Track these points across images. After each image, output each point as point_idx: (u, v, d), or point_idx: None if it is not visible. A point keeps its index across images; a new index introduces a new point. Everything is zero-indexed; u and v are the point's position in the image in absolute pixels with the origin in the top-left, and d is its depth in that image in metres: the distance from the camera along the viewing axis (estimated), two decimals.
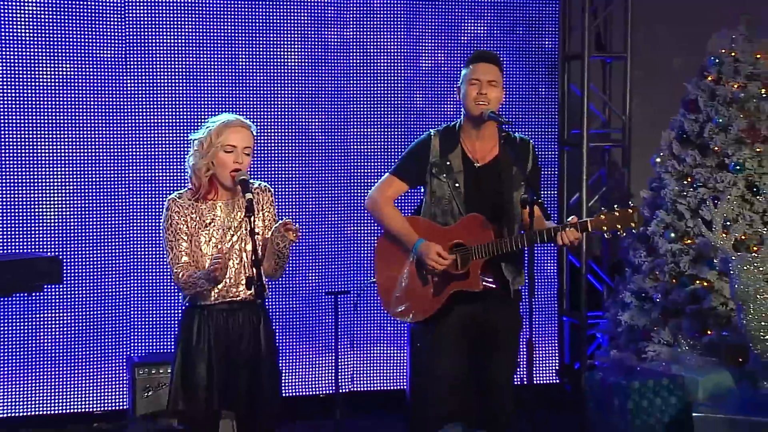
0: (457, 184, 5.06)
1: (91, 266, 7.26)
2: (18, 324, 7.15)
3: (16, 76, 7.11)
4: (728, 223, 6.54)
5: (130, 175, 7.31)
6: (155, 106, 7.32)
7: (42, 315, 7.16)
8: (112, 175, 7.30)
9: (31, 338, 7.19)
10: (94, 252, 7.26)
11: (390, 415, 7.07)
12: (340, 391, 6.89)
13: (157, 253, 7.07)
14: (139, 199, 7.28)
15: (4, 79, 7.08)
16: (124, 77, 7.28)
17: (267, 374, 4.69)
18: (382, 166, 7.25)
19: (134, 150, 7.31)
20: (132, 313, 7.29)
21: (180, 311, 4.74)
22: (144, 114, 7.31)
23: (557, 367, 8.02)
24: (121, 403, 7.11)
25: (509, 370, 5.15)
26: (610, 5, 8.06)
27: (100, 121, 7.27)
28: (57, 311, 7.17)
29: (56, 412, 7.20)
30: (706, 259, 6.72)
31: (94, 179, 7.27)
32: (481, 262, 4.97)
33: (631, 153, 8.02)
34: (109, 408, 7.21)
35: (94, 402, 7.26)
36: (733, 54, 6.94)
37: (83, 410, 7.22)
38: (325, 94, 7.60)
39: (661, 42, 8.70)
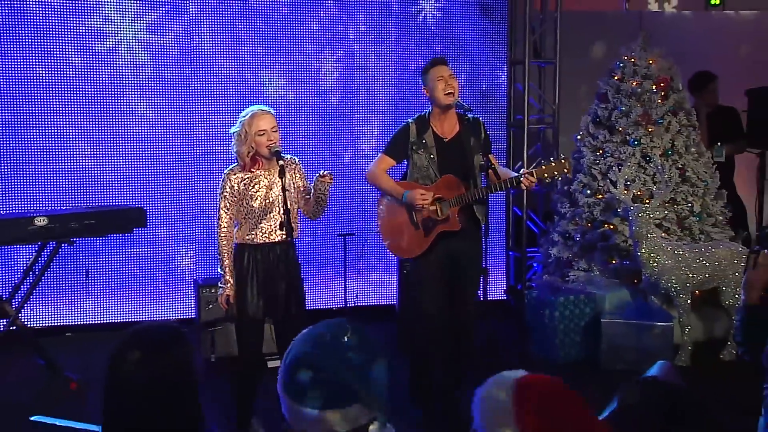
0: (432, 155, 5.10)
1: (168, 213, 7.28)
2: (114, 256, 7.20)
3: (113, 54, 7.08)
4: (628, 182, 6.56)
5: (197, 144, 7.31)
6: (221, 92, 7.30)
7: (132, 250, 7.20)
8: (184, 144, 7.30)
9: (123, 266, 7.25)
10: (170, 203, 7.29)
11: (384, 323, 6.99)
12: (348, 305, 6.99)
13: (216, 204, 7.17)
14: (202, 163, 7.27)
15: (104, 60, 7.06)
16: (199, 71, 7.28)
17: (297, 290, 4.77)
18: (376, 140, 7.34)
19: (200, 126, 7.30)
20: (197, 247, 7.32)
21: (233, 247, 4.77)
22: (211, 99, 7.29)
23: (505, 288, 8.06)
24: (189, 314, 7.10)
25: (474, 289, 5.21)
26: (543, 24, 8.03)
27: (175, 104, 7.27)
28: (143, 247, 7.21)
29: (141, 319, 7.15)
30: (612, 209, 6.76)
31: (171, 147, 7.28)
32: (457, 208, 5.04)
33: (559, 132, 8.03)
34: (181, 317, 7.23)
35: (170, 313, 7.30)
36: (632, 60, 6.94)
37: (162, 318, 7.23)
38: (336, 91, 7.56)
39: (581, 50, 8.78)
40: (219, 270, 4.74)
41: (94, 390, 5.83)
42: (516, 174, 5.02)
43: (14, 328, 5.98)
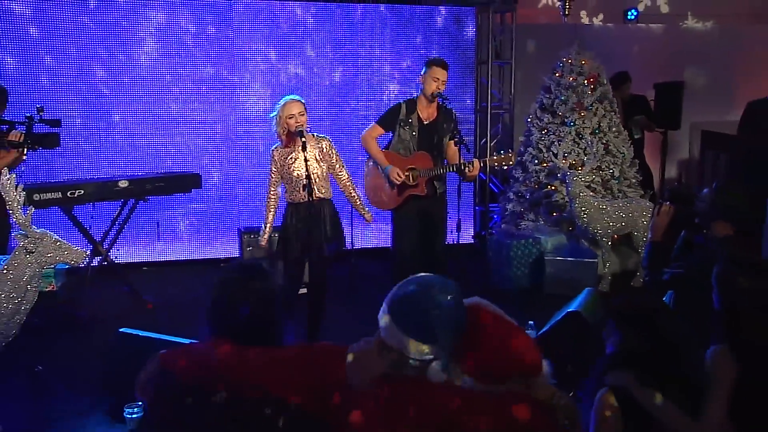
0: (414, 133, 5.09)
1: (218, 178, 7.27)
2: (176, 210, 7.20)
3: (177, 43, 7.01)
4: (565, 154, 6.64)
5: (243, 123, 7.26)
6: (263, 85, 7.24)
7: (190, 205, 7.19)
8: (234, 122, 7.25)
9: (184, 217, 7.24)
10: (221, 169, 7.27)
11: (384, 261, 6.85)
12: (354, 247, 6.98)
13: (257, 171, 7.06)
14: (244, 139, 7.24)
15: (169, 49, 6.98)
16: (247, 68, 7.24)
17: (328, 235, 4.74)
18: (373, 117, 7.30)
19: (247, 112, 7.26)
20: (241, 203, 7.32)
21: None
22: (253, 89, 7.24)
23: (473, 234, 8.05)
24: (234, 254, 7.16)
25: (443, 236, 5.24)
26: (502, 33, 7.99)
27: (229, 91, 7.20)
28: (199, 203, 7.21)
29: (198, 258, 7.27)
30: (554, 174, 6.79)
31: (223, 123, 7.23)
32: (425, 178, 5.07)
33: (514, 116, 8.01)
34: (228, 256, 7.25)
35: (220, 252, 7.30)
36: (570, 61, 6.93)
37: (214, 257, 7.27)
38: (343, 85, 7.52)
39: (531, 53, 8.77)
40: (266, 206, 4.75)
41: (164, 309, 5.93)
42: (466, 162, 4.96)
43: (105, 263, 6.08)
